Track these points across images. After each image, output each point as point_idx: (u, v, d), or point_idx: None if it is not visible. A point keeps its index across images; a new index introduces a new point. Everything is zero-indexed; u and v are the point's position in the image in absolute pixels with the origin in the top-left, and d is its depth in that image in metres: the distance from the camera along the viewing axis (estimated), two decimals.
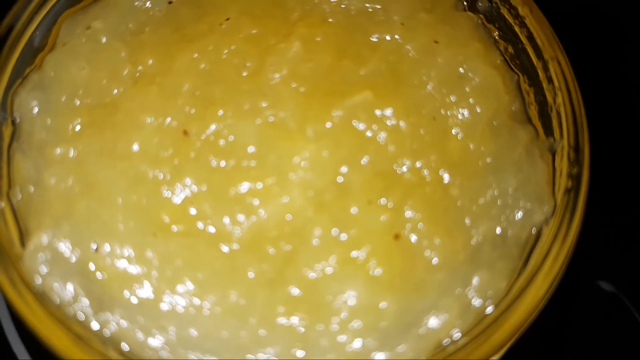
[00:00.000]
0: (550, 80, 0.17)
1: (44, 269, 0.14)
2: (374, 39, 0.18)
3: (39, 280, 0.14)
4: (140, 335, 0.14)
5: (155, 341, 0.14)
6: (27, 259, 0.14)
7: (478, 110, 0.17)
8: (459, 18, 0.18)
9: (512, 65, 0.18)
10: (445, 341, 0.14)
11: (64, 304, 0.14)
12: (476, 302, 0.15)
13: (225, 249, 0.15)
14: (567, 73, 0.17)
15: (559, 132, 0.17)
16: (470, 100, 0.17)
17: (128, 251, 0.14)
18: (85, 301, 0.14)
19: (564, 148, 0.16)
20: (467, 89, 0.17)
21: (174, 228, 0.15)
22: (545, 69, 0.17)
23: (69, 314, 0.14)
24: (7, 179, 0.15)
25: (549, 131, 0.17)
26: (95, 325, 0.14)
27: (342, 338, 0.14)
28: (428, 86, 0.17)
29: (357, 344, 0.14)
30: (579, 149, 0.16)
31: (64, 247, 0.14)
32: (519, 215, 0.16)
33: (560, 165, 0.16)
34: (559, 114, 0.17)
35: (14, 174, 0.16)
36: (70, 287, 0.14)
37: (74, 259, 0.14)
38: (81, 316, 0.14)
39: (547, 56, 0.17)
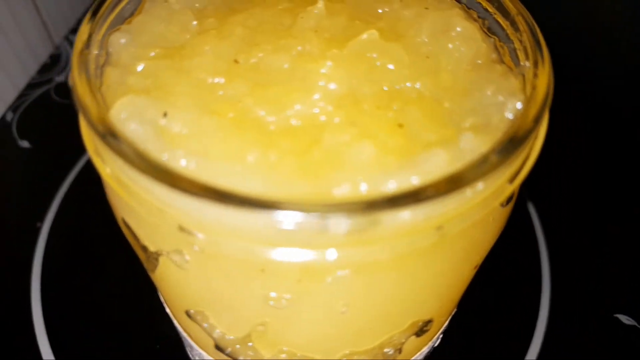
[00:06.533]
0: (517, 29, 0.22)
1: (125, 116, 0.18)
2: (379, 11, 0.24)
3: (125, 125, 0.18)
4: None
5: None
6: (114, 110, 0.18)
7: (462, 50, 0.22)
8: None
9: (488, 34, 0.24)
10: None
11: (140, 142, 0.18)
12: (464, 154, 0.18)
13: (264, 132, 0.19)
14: (529, 19, 0.22)
15: (525, 58, 0.21)
16: (456, 43, 0.22)
17: (191, 118, 0.19)
18: (156, 145, 0.18)
19: (530, 67, 0.21)
20: (452, 34, 0.22)
21: (227, 114, 0.19)
22: (513, 22, 0.22)
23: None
24: (100, 80, 0.20)
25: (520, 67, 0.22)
26: (164, 157, 0.17)
27: (355, 179, 0.18)
28: (422, 36, 0.22)
29: (361, 181, 0.17)
30: (542, 55, 0.20)
31: (143, 104, 0.18)
32: (497, 107, 0.20)
33: (529, 75, 0.20)
34: (525, 48, 0.21)
35: (104, 79, 0.20)
36: (146, 131, 0.18)
37: (149, 117, 0.18)
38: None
39: (513, 14, 0.22)
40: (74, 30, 0.56)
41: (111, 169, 0.19)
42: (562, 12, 0.53)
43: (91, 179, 0.44)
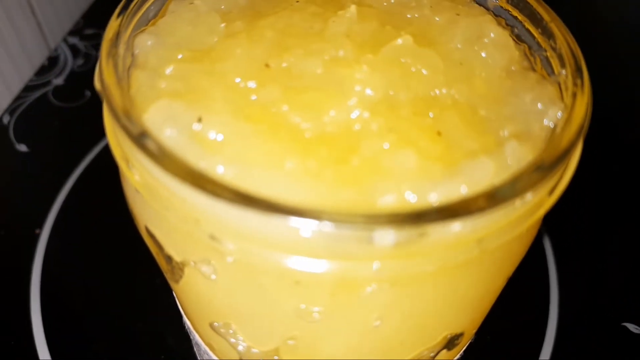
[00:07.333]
0: (550, 36, 0.22)
1: (161, 120, 0.17)
2: (409, 16, 0.23)
3: (159, 131, 0.17)
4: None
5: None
6: (150, 114, 0.17)
7: (496, 57, 0.21)
8: (475, 6, 0.24)
9: (518, 42, 0.23)
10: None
11: (176, 148, 0.17)
12: (510, 164, 0.18)
13: (301, 139, 0.19)
14: (561, 26, 0.21)
15: (560, 67, 0.21)
16: (489, 50, 0.22)
17: (226, 124, 0.18)
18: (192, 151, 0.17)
19: (567, 76, 0.20)
20: (485, 40, 0.22)
21: (262, 120, 0.19)
22: (545, 30, 0.22)
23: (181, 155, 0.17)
24: (127, 82, 0.19)
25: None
26: (201, 163, 0.17)
27: (400, 188, 0.17)
28: (454, 42, 0.22)
29: (407, 190, 0.17)
30: (579, 68, 0.20)
31: (179, 108, 0.18)
32: (537, 115, 0.19)
33: (566, 83, 0.20)
34: (560, 56, 0.21)
35: (132, 82, 0.20)
36: (182, 137, 0.17)
37: (184, 121, 0.18)
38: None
39: (546, 21, 0.22)
40: (72, 33, 0.55)
41: (141, 176, 0.18)
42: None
43: (91, 184, 0.43)
